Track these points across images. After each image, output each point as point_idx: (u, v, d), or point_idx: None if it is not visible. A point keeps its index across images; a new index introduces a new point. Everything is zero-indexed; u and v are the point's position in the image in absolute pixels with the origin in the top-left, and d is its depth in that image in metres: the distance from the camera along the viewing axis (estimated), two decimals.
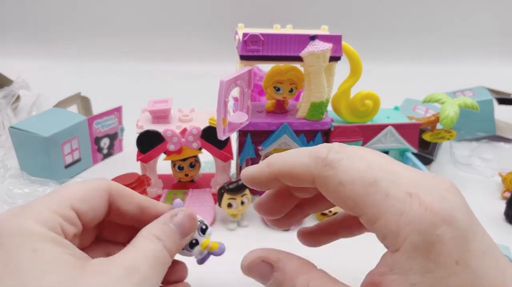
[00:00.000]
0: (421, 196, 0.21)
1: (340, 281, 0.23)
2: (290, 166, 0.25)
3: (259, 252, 0.25)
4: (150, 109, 0.46)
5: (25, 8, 1.10)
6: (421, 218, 0.20)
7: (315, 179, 0.24)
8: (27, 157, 0.53)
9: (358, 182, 0.22)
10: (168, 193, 0.50)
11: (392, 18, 1.17)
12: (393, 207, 0.21)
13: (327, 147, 0.24)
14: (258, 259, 0.25)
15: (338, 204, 0.23)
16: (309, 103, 0.45)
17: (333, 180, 0.23)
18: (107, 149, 0.61)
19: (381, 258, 0.22)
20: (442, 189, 0.21)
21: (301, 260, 0.24)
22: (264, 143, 0.47)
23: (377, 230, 0.21)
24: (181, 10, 1.12)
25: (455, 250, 0.20)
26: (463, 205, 0.21)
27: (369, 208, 0.21)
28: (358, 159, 0.23)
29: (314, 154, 0.24)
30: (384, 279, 0.21)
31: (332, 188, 0.23)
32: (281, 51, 0.42)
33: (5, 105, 0.67)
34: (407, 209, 0.20)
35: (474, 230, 0.21)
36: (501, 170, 0.56)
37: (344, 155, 0.23)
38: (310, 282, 0.23)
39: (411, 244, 0.20)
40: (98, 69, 1.05)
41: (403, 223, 0.20)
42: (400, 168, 0.23)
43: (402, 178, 0.22)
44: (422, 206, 0.20)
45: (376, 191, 0.21)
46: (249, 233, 0.45)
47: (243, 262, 0.26)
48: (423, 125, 0.52)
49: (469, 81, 0.86)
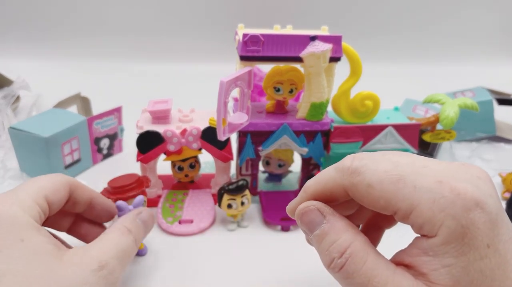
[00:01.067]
0: (452, 183, 0.21)
1: (380, 253, 0.24)
2: (322, 184, 0.26)
3: (314, 202, 0.26)
4: (150, 109, 0.46)
5: (25, 8, 1.10)
6: (454, 204, 0.21)
7: (347, 189, 0.25)
8: (27, 158, 0.53)
9: (386, 181, 0.23)
10: (168, 194, 0.50)
11: (392, 19, 1.17)
12: (424, 196, 0.21)
13: (350, 157, 0.25)
14: (314, 207, 0.26)
15: (372, 206, 0.24)
16: (309, 104, 0.45)
17: (362, 185, 0.23)
18: (107, 150, 0.61)
19: (413, 242, 0.23)
20: (473, 176, 0.22)
21: (350, 223, 0.25)
22: (264, 144, 0.47)
23: (413, 222, 0.22)
24: (181, 10, 1.12)
25: (487, 234, 0.21)
26: (494, 191, 0.22)
27: (401, 202, 0.22)
28: (383, 161, 0.24)
29: (340, 166, 0.25)
30: (416, 260, 0.22)
31: (363, 192, 0.24)
32: (281, 51, 0.42)
33: (5, 106, 0.67)
34: (438, 196, 0.21)
35: (502, 216, 0.21)
36: (501, 171, 0.56)
37: (368, 161, 0.24)
38: (353, 243, 0.23)
39: (447, 230, 0.21)
40: (98, 69, 1.05)
41: (437, 210, 0.21)
42: (428, 163, 0.23)
43: (429, 170, 0.22)
44: (454, 192, 0.21)
45: (405, 185, 0.22)
46: (249, 233, 0.45)
47: (299, 207, 0.26)
48: (423, 126, 0.52)
49: (469, 81, 0.86)
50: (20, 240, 0.26)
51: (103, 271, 0.28)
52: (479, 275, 0.21)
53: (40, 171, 0.51)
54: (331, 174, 0.25)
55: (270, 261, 0.41)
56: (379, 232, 0.30)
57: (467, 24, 1.18)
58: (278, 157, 0.51)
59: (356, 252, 0.23)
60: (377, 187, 0.23)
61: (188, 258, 0.41)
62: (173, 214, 0.46)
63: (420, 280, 0.22)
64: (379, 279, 0.22)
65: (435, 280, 0.21)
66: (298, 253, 0.42)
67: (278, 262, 0.41)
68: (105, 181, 0.42)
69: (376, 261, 0.23)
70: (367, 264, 0.22)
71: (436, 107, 0.65)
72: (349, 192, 0.25)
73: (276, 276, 0.39)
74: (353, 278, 0.22)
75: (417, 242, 0.23)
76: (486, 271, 0.21)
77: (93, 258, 0.28)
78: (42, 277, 0.25)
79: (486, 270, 0.21)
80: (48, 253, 0.27)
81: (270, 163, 0.52)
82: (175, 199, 0.49)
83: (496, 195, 0.22)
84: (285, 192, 0.51)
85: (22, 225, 0.27)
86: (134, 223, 0.34)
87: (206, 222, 0.45)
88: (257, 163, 0.50)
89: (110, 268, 0.28)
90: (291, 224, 0.45)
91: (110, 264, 0.28)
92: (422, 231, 0.22)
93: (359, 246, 0.23)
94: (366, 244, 0.24)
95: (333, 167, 0.26)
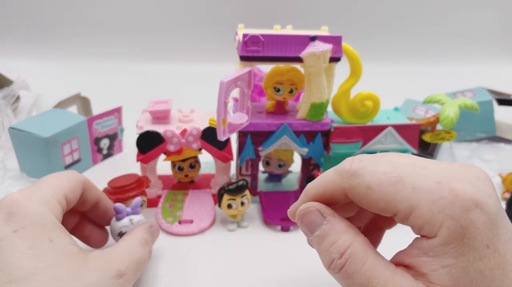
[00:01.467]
0: (451, 184, 0.21)
1: (380, 253, 0.24)
2: (322, 186, 0.26)
3: (314, 203, 0.26)
4: (150, 109, 0.46)
5: (25, 8, 1.10)
6: (453, 204, 0.21)
7: (346, 192, 0.25)
8: (27, 158, 0.53)
9: (385, 183, 0.23)
10: (168, 194, 0.50)
11: (392, 19, 1.17)
12: (423, 197, 0.21)
13: (349, 160, 0.25)
14: (314, 208, 0.26)
15: (372, 208, 0.24)
16: (309, 104, 0.45)
17: (361, 187, 0.24)
18: (107, 150, 0.61)
19: (413, 242, 0.23)
20: (472, 176, 0.22)
21: (350, 224, 0.25)
22: (264, 144, 0.47)
23: (413, 223, 0.22)
24: (181, 10, 1.12)
25: (486, 234, 0.21)
26: (493, 191, 0.22)
27: (401, 204, 0.22)
28: (383, 162, 0.24)
29: (339, 169, 0.25)
30: (415, 261, 0.22)
31: (362, 194, 0.24)
32: (281, 51, 0.42)
33: (5, 106, 0.67)
34: (437, 197, 0.21)
35: (501, 216, 0.22)
36: (501, 171, 0.56)
37: (367, 163, 0.24)
38: (353, 243, 0.23)
39: (447, 230, 0.21)
40: (97, 69, 1.05)
41: (436, 210, 0.21)
42: (428, 164, 0.23)
43: (429, 171, 0.22)
44: (453, 192, 0.21)
45: (404, 187, 0.22)
46: (249, 233, 0.45)
47: (299, 209, 0.26)
48: (423, 126, 0.52)
49: (469, 81, 0.86)
50: (49, 240, 0.27)
51: (120, 280, 0.29)
52: (479, 275, 0.21)
53: (40, 171, 0.51)
54: (331, 177, 0.25)
55: (270, 261, 0.41)
56: (380, 233, 0.30)
57: (467, 24, 1.18)
58: (278, 157, 0.51)
59: (356, 253, 0.23)
60: (376, 189, 0.23)
61: (188, 258, 0.41)
62: (173, 214, 0.46)
63: (420, 281, 0.22)
64: (379, 280, 0.22)
65: (435, 281, 0.21)
66: (298, 253, 0.42)
67: (278, 262, 0.41)
68: (105, 181, 0.42)
69: (376, 262, 0.23)
70: (367, 264, 0.23)
71: (436, 108, 0.65)
72: (349, 195, 0.25)
73: (276, 276, 0.39)
74: (353, 278, 0.23)
75: (417, 242, 0.23)
76: (485, 271, 0.21)
77: (113, 266, 0.29)
78: (70, 278, 0.26)
79: (485, 270, 0.21)
80: (74, 255, 0.28)
81: (270, 163, 0.52)
82: (175, 199, 0.49)
83: (495, 195, 0.22)
84: (285, 192, 0.51)
85: (50, 225, 0.28)
86: (149, 234, 0.36)
87: (206, 222, 0.45)
88: (257, 163, 0.50)
89: (127, 277, 0.29)
90: (291, 224, 0.45)
91: (127, 273, 0.30)
92: (422, 232, 0.22)
93: (358, 246, 0.23)
94: (366, 245, 0.24)
95: (333, 170, 0.26)
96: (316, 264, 0.27)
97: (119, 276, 0.29)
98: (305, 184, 0.50)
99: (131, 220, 0.37)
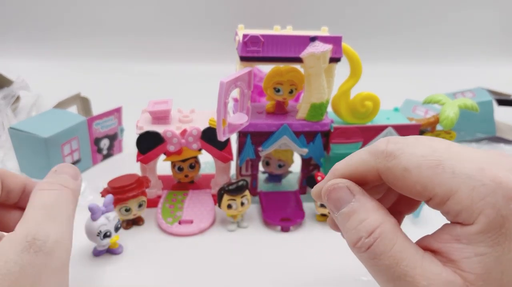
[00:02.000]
0: (493, 171, 0.21)
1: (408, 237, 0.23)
2: (353, 166, 0.25)
3: (344, 180, 0.25)
4: (150, 109, 0.46)
5: (25, 8, 1.10)
6: (495, 192, 0.20)
7: (380, 173, 0.24)
8: (27, 158, 0.53)
9: (424, 166, 0.22)
10: (168, 194, 0.50)
11: (392, 19, 1.17)
12: (464, 183, 0.21)
13: (384, 140, 0.24)
14: (343, 184, 0.25)
15: (406, 191, 0.23)
16: (309, 104, 0.45)
17: (397, 168, 0.23)
18: (107, 150, 0.61)
19: (443, 227, 0.23)
20: None
21: (380, 204, 0.24)
22: (264, 144, 0.47)
23: (450, 208, 0.22)
24: (181, 10, 1.12)
25: None
26: None
27: (438, 188, 0.21)
28: (420, 145, 0.23)
29: (373, 149, 0.24)
30: (445, 246, 0.22)
31: (398, 176, 0.23)
32: (281, 52, 0.42)
33: (5, 106, 0.66)
34: (478, 184, 0.21)
35: None
36: None
37: (403, 145, 0.23)
38: (383, 223, 0.23)
39: (486, 219, 0.20)
40: (98, 69, 1.05)
41: (476, 197, 0.20)
42: (466, 149, 0.23)
43: (469, 157, 0.22)
44: (496, 180, 0.21)
45: (443, 170, 0.21)
46: (249, 234, 0.45)
47: (327, 184, 0.25)
48: (423, 126, 0.52)
49: (469, 82, 0.86)
50: None
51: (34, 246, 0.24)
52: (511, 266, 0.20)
53: (39, 172, 0.51)
54: (363, 157, 0.25)
55: (270, 261, 0.41)
56: (400, 218, 0.29)
57: (467, 24, 1.18)
58: (278, 157, 0.51)
59: (386, 233, 0.22)
60: (414, 171, 0.22)
61: (188, 258, 0.41)
62: (173, 215, 0.46)
63: (448, 267, 0.21)
64: (408, 263, 0.21)
65: (466, 268, 0.21)
66: (298, 254, 0.42)
67: (278, 262, 0.41)
68: (105, 182, 0.43)
69: (405, 245, 0.22)
70: (396, 246, 0.22)
71: (436, 108, 0.65)
72: (383, 176, 0.24)
73: (276, 276, 0.39)
74: (380, 259, 0.22)
75: (448, 228, 0.22)
76: None
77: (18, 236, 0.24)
78: None
79: None
80: None
81: (270, 164, 0.52)
82: (175, 199, 0.49)
83: None
84: (285, 192, 0.51)
85: None
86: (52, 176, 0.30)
87: (206, 223, 0.45)
88: (257, 163, 0.50)
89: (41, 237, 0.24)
90: (291, 225, 0.45)
91: (39, 232, 0.24)
92: (457, 218, 0.21)
93: (388, 227, 0.23)
94: (396, 226, 0.23)
95: (365, 150, 0.25)
96: (315, 264, 0.27)
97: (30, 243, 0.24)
98: (305, 184, 0.51)
99: (107, 217, 0.38)
